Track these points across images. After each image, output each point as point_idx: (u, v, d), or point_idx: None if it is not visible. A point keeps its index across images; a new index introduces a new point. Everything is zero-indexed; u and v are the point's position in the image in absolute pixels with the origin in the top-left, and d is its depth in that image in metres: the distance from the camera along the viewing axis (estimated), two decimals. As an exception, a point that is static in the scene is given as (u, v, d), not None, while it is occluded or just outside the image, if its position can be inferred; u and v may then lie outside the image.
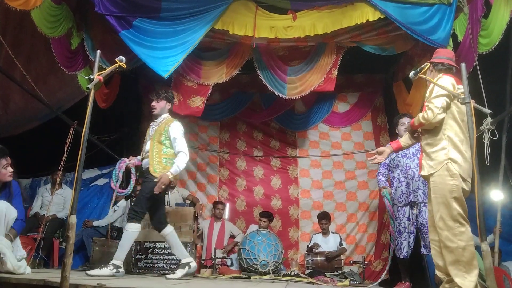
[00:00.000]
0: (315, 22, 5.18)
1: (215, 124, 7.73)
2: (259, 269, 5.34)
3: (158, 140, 4.02)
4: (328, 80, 5.80)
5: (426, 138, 3.25)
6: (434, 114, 3.05)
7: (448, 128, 3.11)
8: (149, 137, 4.12)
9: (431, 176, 3.12)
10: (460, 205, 2.96)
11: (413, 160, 4.53)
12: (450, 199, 2.97)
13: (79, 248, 5.91)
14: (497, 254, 4.72)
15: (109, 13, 4.87)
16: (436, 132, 3.14)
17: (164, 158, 3.98)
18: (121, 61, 3.03)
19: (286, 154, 7.64)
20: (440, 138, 3.11)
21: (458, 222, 2.94)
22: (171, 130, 4.02)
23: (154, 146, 4.01)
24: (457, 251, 2.90)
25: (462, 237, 2.91)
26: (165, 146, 4.02)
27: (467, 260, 2.89)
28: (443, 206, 3.00)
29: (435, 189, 3.08)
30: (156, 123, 4.16)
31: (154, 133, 4.07)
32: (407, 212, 4.48)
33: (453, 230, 2.93)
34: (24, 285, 2.63)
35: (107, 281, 2.77)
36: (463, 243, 2.90)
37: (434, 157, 3.12)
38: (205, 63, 5.89)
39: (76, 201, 2.47)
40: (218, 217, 6.44)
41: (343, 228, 7.06)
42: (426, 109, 3.12)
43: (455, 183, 2.99)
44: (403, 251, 4.46)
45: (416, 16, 4.83)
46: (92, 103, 2.69)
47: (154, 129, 4.11)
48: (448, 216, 2.96)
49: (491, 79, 4.48)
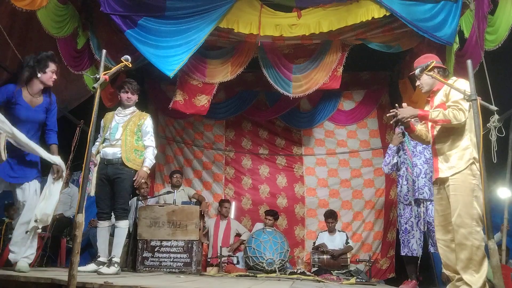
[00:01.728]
0: (320, 20, 5.17)
1: (221, 123, 7.75)
2: (265, 267, 5.34)
3: (131, 130, 4.08)
4: (333, 78, 5.79)
5: (445, 140, 3.20)
6: (466, 116, 3.04)
7: (468, 129, 3.11)
8: (117, 125, 4.09)
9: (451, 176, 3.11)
10: (479, 205, 2.96)
11: (420, 157, 4.51)
12: (471, 198, 2.97)
13: (86, 247, 5.94)
14: (505, 252, 4.70)
15: (114, 12, 4.89)
16: (460, 133, 3.13)
17: (135, 149, 4.07)
18: (127, 60, 3.03)
19: (291, 152, 7.64)
20: (463, 138, 3.10)
21: (476, 222, 2.94)
22: (147, 123, 4.15)
23: (126, 136, 4.05)
24: (472, 249, 2.91)
25: (477, 237, 2.92)
26: (137, 138, 4.11)
27: (479, 259, 2.90)
28: (463, 204, 2.99)
29: (455, 187, 3.06)
30: (125, 114, 4.18)
31: (126, 123, 4.10)
32: (414, 210, 4.47)
33: (470, 229, 2.93)
34: (32, 283, 2.65)
35: (114, 279, 2.79)
36: (478, 242, 2.91)
37: (457, 157, 3.10)
38: (210, 62, 5.91)
39: (83, 200, 2.48)
40: (224, 215, 6.45)
41: (349, 226, 7.05)
42: (457, 109, 3.06)
43: (476, 182, 2.99)
44: (411, 248, 4.44)
45: (422, 13, 4.80)
46: (98, 102, 2.70)
47: (125, 120, 4.13)
48: (467, 214, 2.96)
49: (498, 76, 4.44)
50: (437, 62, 3.34)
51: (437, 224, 3.30)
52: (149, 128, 4.15)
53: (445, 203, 3.19)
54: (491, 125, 3.86)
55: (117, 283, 2.50)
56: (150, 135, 4.14)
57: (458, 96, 3.07)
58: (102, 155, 4.02)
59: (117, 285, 2.47)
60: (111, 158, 3.99)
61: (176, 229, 4.97)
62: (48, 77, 3.40)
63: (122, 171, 3.98)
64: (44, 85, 3.42)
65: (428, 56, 3.49)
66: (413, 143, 4.59)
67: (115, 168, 3.98)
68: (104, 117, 4.21)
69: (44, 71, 3.38)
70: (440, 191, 3.25)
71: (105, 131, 4.13)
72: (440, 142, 3.26)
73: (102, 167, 4.00)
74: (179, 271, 4.80)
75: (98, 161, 4.00)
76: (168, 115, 7.40)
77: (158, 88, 7.39)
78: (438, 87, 3.33)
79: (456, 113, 3.06)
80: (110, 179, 4.00)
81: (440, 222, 3.26)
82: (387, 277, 6.59)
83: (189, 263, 4.86)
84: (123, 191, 4.02)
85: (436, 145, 3.29)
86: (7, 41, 4.13)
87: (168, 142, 7.60)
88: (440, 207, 3.25)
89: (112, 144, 4.02)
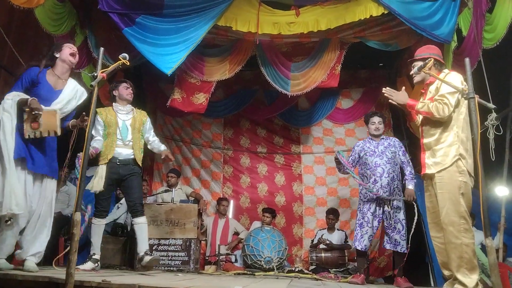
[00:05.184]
0: (319, 18, 5.17)
1: (219, 121, 7.74)
2: (263, 266, 5.35)
3: (138, 129, 4.22)
4: (331, 76, 5.79)
5: (432, 134, 3.20)
6: (450, 111, 3.06)
7: (456, 124, 3.09)
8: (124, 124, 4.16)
9: (438, 172, 3.11)
10: (467, 202, 2.96)
11: (382, 158, 4.46)
12: (458, 195, 2.97)
13: (84, 246, 5.93)
14: (502, 249, 4.71)
15: (112, 10, 4.88)
16: (446, 128, 3.12)
17: (141, 148, 4.25)
18: (125, 58, 3.03)
19: (289, 150, 7.64)
20: (450, 134, 3.09)
21: (464, 219, 2.94)
22: (149, 121, 4.40)
23: (135, 136, 4.18)
24: (461, 247, 2.90)
25: (466, 234, 2.92)
26: (141, 137, 4.26)
27: (469, 257, 2.89)
28: (450, 202, 3.00)
29: (442, 184, 3.06)
30: (127, 111, 4.26)
31: (133, 122, 4.20)
32: (372, 208, 4.39)
33: (458, 227, 2.93)
34: (30, 281, 2.65)
35: (112, 277, 2.79)
36: (467, 240, 2.91)
37: (442, 153, 3.09)
38: (208, 60, 5.89)
39: (80, 198, 2.48)
40: (222, 213, 6.45)
41: (347, 224, 7.05)
42: (442, 103, 3.07)
43: (463, 179, 2.99)
44: (361, 243, 4.39)
45: (420, 11, 4.80)
46: (95, 100, 2.70)
47: (130, 118, 4.22)
48: (455, 212, 2.96)
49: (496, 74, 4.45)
50: (435, 55, 3.34)
51: (429, 221, 3.30)
52: (151, 125, 4.43)
53: (434, 200, 3.18)
54: (488, 123, 3.86)
55: (115, 282, 2.50)
56: (152, 130, 4.45)
57: (446, 89, 3.08)
58: (114, 154, 4.08)
59: (115, 283, 2.47)
60: (125, 159, 4.10)
61: (174, 228, 4.97)
62: (66, 54, 3.50)
63: (134, 170, 4.14)
64: (66, 64, 3.52)
65: (430, 47, 3.49)
66: (375, 143, 4.57)
67: (127, 169, 4.11)
68: (99, 114, 4.14)
69: (60, 49, 3.52)
70: (429, 188, 3.25)
71: (109, 128, 4.12)
72: (427, 136, 3.25)
73: (114, 167, 4.06)
74: (177, 269, 4.80)
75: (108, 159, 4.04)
76: (166, 113, 7.39)
77: (156, 86, 7.37)
78: (431, 80, 3.33)
79: (439, 106, 3.07)
80: (121, 179, 4.10)
81: (432, 219, 3.26)
82: (385, 275, 6.59)
83: (187, 261, 4.87)
84: (139, 187, 4.21)
85: (424, 139, 3.29)
86: (4, 39, 4.11)
87: (166, 141, 7.58)
88: (431, 204, 3.25)
89: (125, 145, 4.13)
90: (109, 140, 4.09)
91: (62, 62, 3.52)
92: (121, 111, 4.23)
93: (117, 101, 4.27)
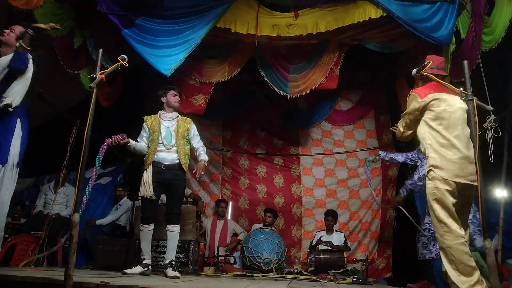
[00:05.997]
0: (317, 20, 5.17)
1: (218, 123, 7.73)
2: (262, 267, 5.35)
3: (182, 135, 4.31)
4: (330, 78, 5.80)
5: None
6: (400, 133, 3.48)
7: (426, 137, 3.21)
8: (168, 130, 4.29)
9: None
10: (442, 206, 2.99)
11: None
12: (431, 202, 3.06)
13: (83, 247, 5.92)
14: (501, 251, 4.72)
15: (111, 11, 4.87)
16: (422, 144, 3.27)
17: (186, 153, 4.32)
18: (124, 60, 3.03)
19: (288, 152, 7.64)
20: (425, 148, 3.21)
21: (442, 223, 2.99)
22: (194, 127, 4.48)
23: (179, 141, 4.27)
24: (446, 250, 2.95)
25: (447, 237, 2.94)
26: (186, 142, 4.34)
27: (457, 259, 2.88)
28: (429, 209, 3.12)
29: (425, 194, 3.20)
30: (171, 118, 4.40)
31: (177, 129, 4.31)
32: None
33: (439, 231, 2.99)
34: (29, 283, 2.64)
35: (110, 279, 2.79)
36: (449, 242, 2.93)
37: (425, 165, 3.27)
38: (207, 62, 5.90)
39: (79, 199, 2.48)
40: (221, 215, 6.45)
41: (346, 226, 7.06)
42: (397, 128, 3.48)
43: (434, 185, 3.06)
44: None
45: (418, 13, 4.81)
46: (94, 102, 2.70)
47: (174, 124, 4.35)
48: (434, 218, 3.06)
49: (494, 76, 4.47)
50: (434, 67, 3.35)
51: None
52: (196, 132, 4.50)
53: None
54: (487, 125, 3.87)
55: (114, 283, 2.50)
56: (198, 137, 4.49)
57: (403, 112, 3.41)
58: (158, 159, 4.18)
59: (114, 285, 2.47)
60: (170, 163, 4.19)
61: (173, 229, 4.95)
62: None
63: (179, 177, 4.24)
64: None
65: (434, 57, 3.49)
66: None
67: (173, 174, 4.20)
68: (145, 121, 4.40)
69: None
70: None
71: (153, 134, 4.27)
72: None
73: (159, 171, 4.17)
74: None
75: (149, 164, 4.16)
76: (165, 114, 7.37)
77: (155, 88, 7.35)
78: None
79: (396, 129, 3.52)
80: (167, 184, 4.18)
81: None
82: (383, 276, 6.60)
83: (186, 263, 4.86)
84: (180, 199, 4.36)
85: None
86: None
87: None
88: None
89: (168, 149, 4.22)
90: (153, 145, 4.24)
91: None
92: (166, 118, 4.39)
93: (164, 108, 4.45)
